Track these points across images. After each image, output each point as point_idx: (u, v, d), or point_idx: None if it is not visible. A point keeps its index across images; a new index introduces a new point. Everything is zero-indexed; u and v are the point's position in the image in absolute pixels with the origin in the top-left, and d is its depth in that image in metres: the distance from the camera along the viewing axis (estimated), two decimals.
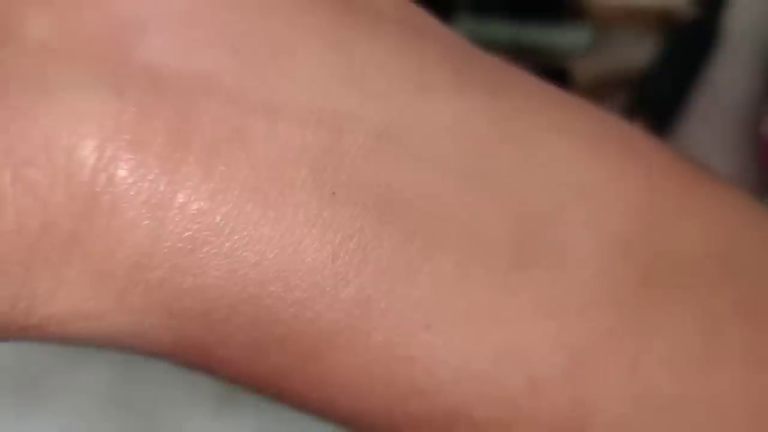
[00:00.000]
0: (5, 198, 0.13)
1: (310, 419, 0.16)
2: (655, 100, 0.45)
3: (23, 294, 0.14)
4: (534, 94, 0.17)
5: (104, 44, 0.14)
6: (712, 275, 0.17)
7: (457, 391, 0.16)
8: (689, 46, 0.47)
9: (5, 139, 0.13)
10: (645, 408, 0.16)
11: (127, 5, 0.14)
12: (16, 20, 0.14)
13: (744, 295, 0.17)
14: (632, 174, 0.17)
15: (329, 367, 0.15)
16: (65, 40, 0.14)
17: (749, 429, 0.17)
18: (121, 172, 0.14)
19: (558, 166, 0.16)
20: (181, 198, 0.14)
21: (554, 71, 0.46)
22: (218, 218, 0.14)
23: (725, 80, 0.47)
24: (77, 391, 0.39)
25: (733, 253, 0.17)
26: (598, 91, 0.46)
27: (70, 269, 0.14)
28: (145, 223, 0.14)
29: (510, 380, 0.16)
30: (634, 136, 0.17)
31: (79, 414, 0.39)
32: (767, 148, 0.44)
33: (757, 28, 0.48)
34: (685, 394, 0.17)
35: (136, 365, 0.39)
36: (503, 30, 0.47)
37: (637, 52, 0.47)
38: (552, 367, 0.16)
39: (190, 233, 0.14)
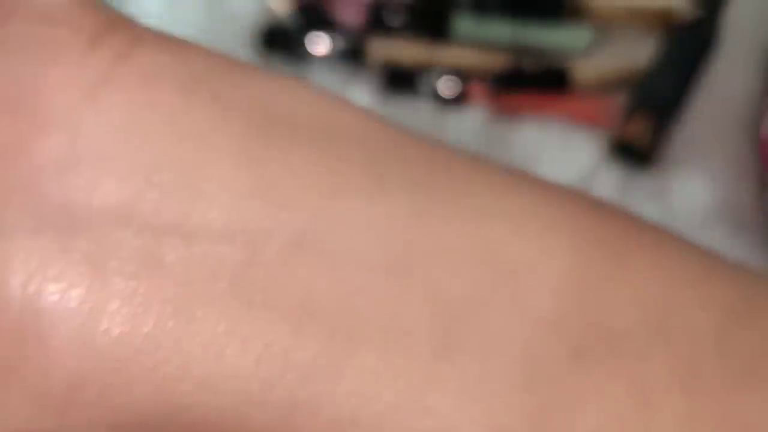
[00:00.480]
0: None
1: None
2: (655, 100, 0.45)
3: None
4: (460, 180, 0.17)
5: (24, 190, 0.15)
6: (645, 343, 0.17)
7: None
8: (689, 46, 0.47)
9: None
10: None
11: (43, 151, 0.15)
12: None
13: (680, 361, 0.17)
14: (559, 250, 0.17)
15: None
16: None
17: None
18: (46, 305, 0.15)
19: (481, 250, 0.16)
20: (104, 324, 0.15)
21: (554, 71, 0.46)
22: (140, 338, 0.15)
23: (725, 80, 0.47)
24: None
25: (668, 318, 0.17)
26: (597, 91, 0.46)
27: (8, 393, 0.15)
28: (73, 348, 0.15)
29: None
30: (567, 203, 0.17)
31: None
32: (767, 147, 0.44)
33: (757, 29, 0.48)
34: None
35: None
36: (503, 30, 0.47)
37: (637, 52, 0.47)
38: None
39: (115, 354, 0.15)
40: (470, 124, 0.45)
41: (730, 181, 0.44)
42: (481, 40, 0.47)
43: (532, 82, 0.46)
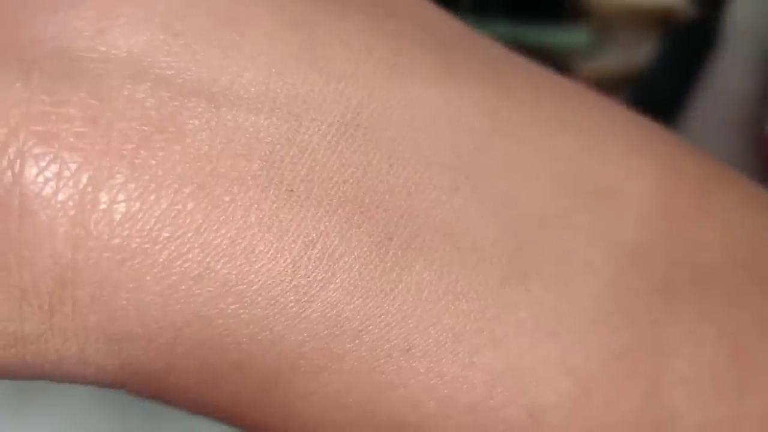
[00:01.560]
0: None
1: None
2: (655, 100, 0.45)
3: None
4: (534, 84, 0.15)
5: (8, 24, 0.12)
6: (736, 286, 0.15)
7: (447, 425, 0.13)
8: (689, 45, 0.47)
9: None
10: None
11: None
12: None
13: None
14: (645, 174, 0.15)
15: (296, 396, 0.13)
16: None
17: None
18: (31, 170, 0.12)
19: (559, 165, 0.14)
20: (104, 198, 0.12)
21: (554, 71, 0.46)
22: (151, 222, 0.12)
23: (725, 80, 0.47)
24: (77, 391, 0.39)
25: (759, 262, 0.15)
26: (598, 91, 0.46)
27: None
28: (63, 229, 0.12)
29: (507, 411, 0.14)
30: (647, 130, 0.15)
31: (79, 414, 0.39)
32: None
33: (757, 28, 0.48)
34: (711, 421, 0.14)
35: None
36: (503, 30, 0.47)
37: (637, 52, 0.47)
38: (556, 395, 0.14)
39: (118, 240, 0.12)
40: None
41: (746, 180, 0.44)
42: None
43: None
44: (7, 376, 0.13)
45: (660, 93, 0.45)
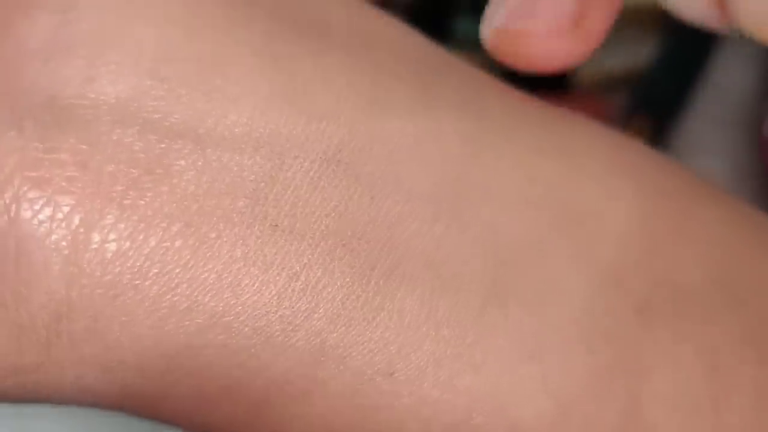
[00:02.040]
0: None
1: None
2: (656, 100, 0.45)
3: None
4: (513, 109, 0.15)
5: (5, 77, 0.13)
6: (715, 304, 0.15)
7: None
8: (690, 45, 0.47)
9: None
10: None
11: (30, 33, 0.13)
12: None
13: (751, 325, 0.15)
14: (623, 196, 0.15)
15: (284, 418, 0.14)
16: None
17: None
18: (25, 213, 0.13)
19: (538, 189, 0.15)
20: (96, 238, 0.13)
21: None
22: (141, 260, 0.13)
23: (727, 79, 0.47)
24: None
25: (737, 279, 0.15)
26: (598, 91, 0.46)
27: None
28: (57, 267, 0.13)
29: (489, 430, 0.14)
30: (628, 150, 0.16)
31: (80, 415, 0.39)
32: None
33: None
34: None
35: None
36: None
37: (638, 51, 0.47)
38: (536, 415, 0.14)
39: (110, 277, 0.13)
40: None
41: (732, 180, 0.44)
42: (480, 40, 0.47)
43: (531, 83, 0.46)
44: (7, 401, 0.13)
45: (661, 92, 0.46)
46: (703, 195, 0.16)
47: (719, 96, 0.46)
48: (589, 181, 0.15)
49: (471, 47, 0.48)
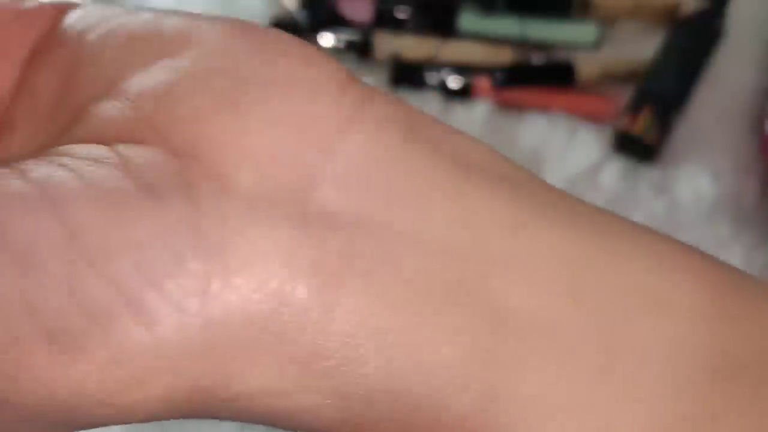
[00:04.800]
0: (214, 304, 0.17)
1: None
2: (660, 95, 0.45)
3: (225, 372, 0.17)
4: (597, 224, 0.20)
5: (293, 192, 0.18)
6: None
7: None
8: (694, 40, 0.47)
9: (223, 262, 0.17)
10: None
11: (309, 163, 0.18)
12: (231, 168, 0.17)
13: None
14: (697, 286, 0.19)
15: None
16: (265, 188, 0.17)
17: None
18: (301, 289, 0.17)
19: (629, 281, 0.19)
20: (347, 308, 0.17)
21: (559, 66, 0.47)
22: (374, 326, 0.17)
23: (730, 75, 0.47)
24: None
25: None
26: (603, 86, 0.46)
27: (263, 355, 0.17)
28: (319, 325, 0.17)
29: None
30: (681, 250, 0.20)
31: None
32: None
33: (762, 23, 0.49)
34: None
35: None
36: (510, 25, 0.47)
37: (642, 47, 0.47)
38: None
39: (353, 333, 0.17)
40: (477, 116, 0.45)
41: (734, 176, 0.44)
42: (487, 35, 0.47)
43: (537, 77, 0.46)
44: (261, 421, 0.18)
45: (665, 87, 0.46)
46: (749, 285, 0.20)
47: (723, 91, 0.46)
48: (662, 278, 0.19)
49: (477, 41, 0.49)
